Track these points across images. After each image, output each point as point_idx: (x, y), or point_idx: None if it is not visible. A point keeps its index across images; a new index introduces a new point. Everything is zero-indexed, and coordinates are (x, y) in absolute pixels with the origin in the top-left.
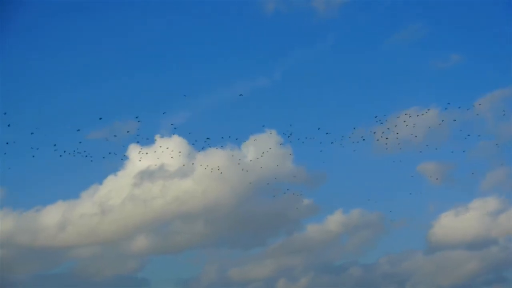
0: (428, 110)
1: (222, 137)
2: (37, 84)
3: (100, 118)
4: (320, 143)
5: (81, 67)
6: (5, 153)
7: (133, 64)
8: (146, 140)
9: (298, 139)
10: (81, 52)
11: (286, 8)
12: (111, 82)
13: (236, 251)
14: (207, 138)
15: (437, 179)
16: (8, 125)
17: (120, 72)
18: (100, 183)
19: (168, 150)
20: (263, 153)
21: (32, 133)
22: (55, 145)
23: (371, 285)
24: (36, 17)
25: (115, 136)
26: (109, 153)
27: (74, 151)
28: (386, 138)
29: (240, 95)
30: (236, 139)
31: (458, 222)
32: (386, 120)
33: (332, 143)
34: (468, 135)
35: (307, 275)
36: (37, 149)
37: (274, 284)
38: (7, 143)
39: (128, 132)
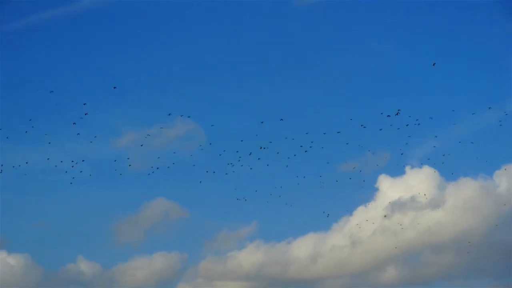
0: None
1: (473, 167)
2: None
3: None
4: None
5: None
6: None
7: (378, 95)
8: (396, 171)
9: None
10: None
11: None
12: (362, 114)
13: (486, 282)
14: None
15: None
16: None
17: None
18: (351, 214)
19: (418, 181)
20: None
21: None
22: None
23: None
24: None
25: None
26: (360, 184)
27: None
28: None
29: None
30: (488, 168)
31: None
32: None
33: None
34: None
35: None
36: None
37: None
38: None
39: (378, 164)
